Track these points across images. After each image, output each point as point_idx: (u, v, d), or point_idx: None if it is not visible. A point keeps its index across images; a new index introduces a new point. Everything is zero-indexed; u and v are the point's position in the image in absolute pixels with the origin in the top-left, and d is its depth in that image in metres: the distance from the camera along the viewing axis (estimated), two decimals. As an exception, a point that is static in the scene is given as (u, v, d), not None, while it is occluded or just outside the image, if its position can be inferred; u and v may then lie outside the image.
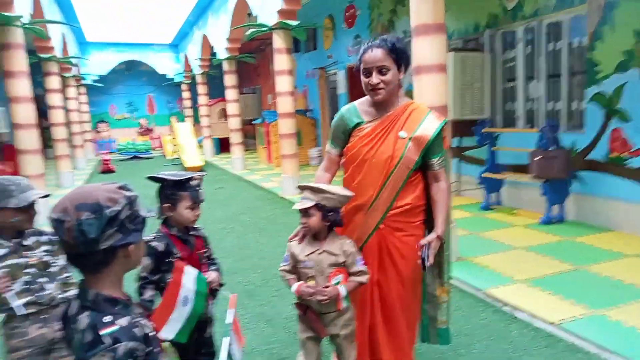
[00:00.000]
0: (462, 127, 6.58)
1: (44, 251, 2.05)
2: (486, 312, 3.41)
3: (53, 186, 10.06)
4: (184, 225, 2.13)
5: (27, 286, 1.96)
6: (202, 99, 15.87)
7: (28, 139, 6.90)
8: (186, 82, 17.68)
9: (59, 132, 10.46)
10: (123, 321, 1.13)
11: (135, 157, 16.04)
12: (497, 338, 3.02)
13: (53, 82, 10.45)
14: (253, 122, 14.10)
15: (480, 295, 3.67)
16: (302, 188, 2.09)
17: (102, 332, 1.08)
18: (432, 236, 2.12)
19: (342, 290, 2.07)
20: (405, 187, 2.15)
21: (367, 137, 2.20)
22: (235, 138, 12.03)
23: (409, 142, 2.13)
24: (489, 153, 6.28)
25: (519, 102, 6.42)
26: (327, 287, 2.05)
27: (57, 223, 1.09)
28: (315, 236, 2.12)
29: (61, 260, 2.07)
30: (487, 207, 6.34)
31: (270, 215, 7.04)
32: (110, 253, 1.14)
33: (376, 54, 2.07)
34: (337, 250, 2.09)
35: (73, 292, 2.00)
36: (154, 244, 2.06)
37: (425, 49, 3.88)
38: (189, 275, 1.91)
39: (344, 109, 2.31)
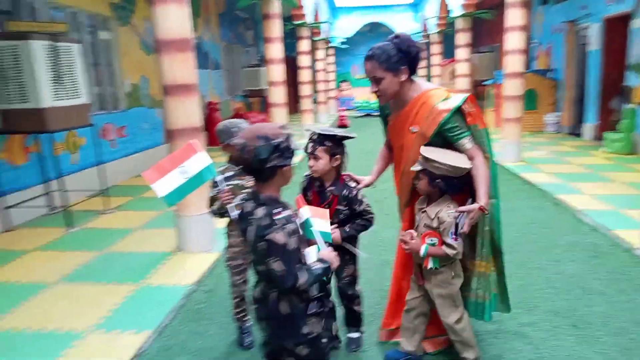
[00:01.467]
0: None
1: None
2: None
3: (295, 136, 11.80)
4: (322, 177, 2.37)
5: (243, 202, 2.57)
6: (435, 59, 15.75)
7: (277, 95, 8.30)
8: (423, 41, 17.77)
9: (305, 90, 12.06)
10: (287, 212, 1.62)
11: (368, 115, 17.21)
12: None
13: (304, 45, 12.01)
14: (483, 83, 13.35)
15: None
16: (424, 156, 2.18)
17: (276, 217, 1.57)
18: (473, 206, 2.13)
19: (422, 249, 2.18)
20: None
21: (391, 129, 2.45)
22: (462, 99, 11.69)
23: (418, 136, 2.23)
24: None
25: None
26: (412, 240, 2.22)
27: (242, 146, 1.58)
28: (429, 197, 2.26)
29: None
30: None
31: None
32: (274, 170, 1.61)
33: (367, 67, 2.20)
34: (432, 215, 2.20)
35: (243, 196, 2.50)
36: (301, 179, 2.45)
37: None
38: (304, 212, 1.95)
39: None
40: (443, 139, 2.21)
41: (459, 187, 2.20)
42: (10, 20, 4.77)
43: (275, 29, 8.16)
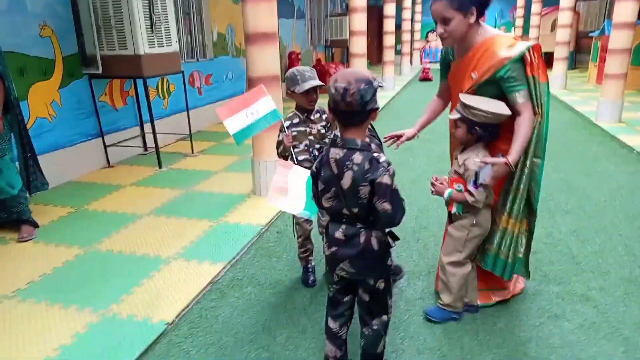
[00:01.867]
0: None
1: (322, 126, 2.72)
2: None
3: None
4: None
5: (306, 148, 2.68)
6: (535, 7, 14.41)
7: (358, 45, 8.16)
8: (522, -13, 16.26)
9: (388, 40, 11.70)
10: (383, 155, 1.67)
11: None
12: None
13: (390, -8, 11.54)
14: (590, 35, 12.06)
15: None
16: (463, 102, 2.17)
17: (380, 160, 1.62)
18: (499, 159, 2.11)
19: (445, 192, 2.27)
20: None
21: (452, 75, 2.39)
22: (560, 52, 10.72)
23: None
24: None
25: None
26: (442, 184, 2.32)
27: (342, 90, 1.56)
28: (465, 145, 2.27)
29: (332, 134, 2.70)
30: None
31: (571, 140, 6.35)
32: (369, 113, 1.64)
33: (436, 7, 2.10)
34: (461, 161, 2.23)
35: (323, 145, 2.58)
36: None
37: None
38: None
39: None
40: (496, 88, 2.15)
41: (495, 134, 2.20)
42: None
43: (358, -24, 7.92)
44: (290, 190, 2.21)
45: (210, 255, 3.19)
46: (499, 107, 2.12)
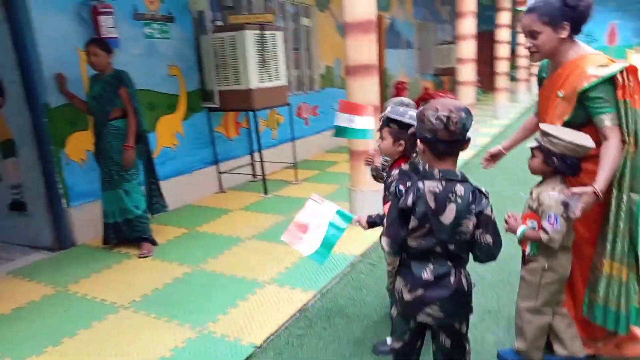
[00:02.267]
0: None
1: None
2: None
3: (487, 116, 11.10)
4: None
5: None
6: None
7: (466, 72, 7.92)
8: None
9: (501, 66, 11.17)
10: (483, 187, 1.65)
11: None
12: None
13: (503, 17, 11.06)
14: None
15: None
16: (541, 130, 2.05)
17: (483, 191, 1.63)
18: (587, 188, 1.93)
19: (519, 230, 2.07)
20: None
21: (541, 93, 2.28)
22: None
23: (561, 102, 2.07)
24: None
25: None
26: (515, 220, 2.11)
27: (446, 119, 1.55)
28: (543, 178, 2.11)
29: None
30: None
31: None
32: (466, 143, 1.63)
33: (524, 21, 2.07)
34: (535, 195, 2.08)
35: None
36: None
37: None
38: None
39: (545, 59, 2.24)
40: (585, 111, 2.02)
41: (575, 169, 1.99)
42: (232, 14, 5.65)
43: (468, 1, 7.75)
44: (309, 230, 2.08)
45: (302, 283, 3.27)
46: (582, 139, 1.94)
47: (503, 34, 11.06)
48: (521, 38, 14.02)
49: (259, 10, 6.46)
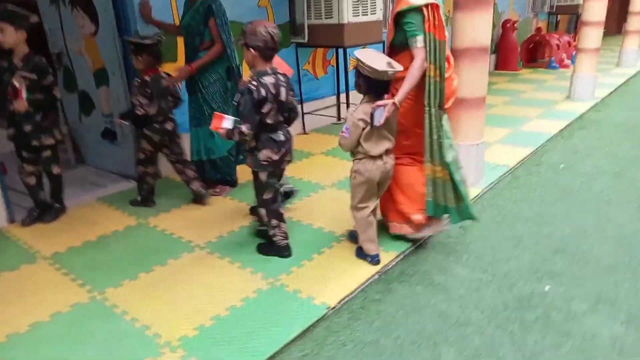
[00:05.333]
0: None
1: None
2: None
3: (609, 63, 9.64)
4: None
5: None
6: None
7: (595, 10, 6.70)
8: None
9: (636, 5, 9.43)
10: None
11: None
12: None
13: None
14: None
15: None
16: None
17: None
18: (388, 101, 2.37)
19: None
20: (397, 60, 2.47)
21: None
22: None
23: (391, 26, 2.63)
24: None
25: None
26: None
27: (273, 33, 2.45)
28: None
29: None
30: None
31: None
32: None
33: None
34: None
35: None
36: None
37: None
38: None
39: None
40: (403, 34, 2.49)
41: (380, 89, 2.41)
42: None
43: None
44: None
45: (383, 242, 2.97)
46: (382, 65, 2.29)
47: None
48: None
49: None
